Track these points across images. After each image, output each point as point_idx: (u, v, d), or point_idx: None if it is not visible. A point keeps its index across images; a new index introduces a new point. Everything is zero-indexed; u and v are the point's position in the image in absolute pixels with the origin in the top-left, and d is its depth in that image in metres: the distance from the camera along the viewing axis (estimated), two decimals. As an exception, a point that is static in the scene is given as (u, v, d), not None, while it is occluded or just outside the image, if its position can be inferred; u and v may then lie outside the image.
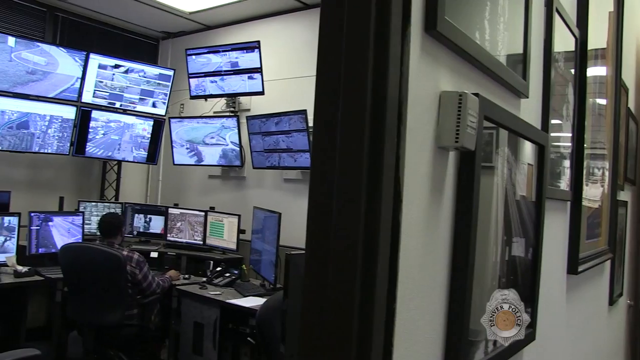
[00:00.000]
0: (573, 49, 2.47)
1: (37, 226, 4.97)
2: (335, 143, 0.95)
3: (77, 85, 5.52)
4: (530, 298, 1.83)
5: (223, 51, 5.47)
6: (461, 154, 1.30)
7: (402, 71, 1.03)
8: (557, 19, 2.09)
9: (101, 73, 5.67)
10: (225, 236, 5.34)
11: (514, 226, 1.70)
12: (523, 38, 1.72)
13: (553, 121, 2.12)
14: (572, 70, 2.50)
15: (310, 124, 4.69)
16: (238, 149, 5.52)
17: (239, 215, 5.25)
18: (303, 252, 1.40)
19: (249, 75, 5.33)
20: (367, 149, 0.94)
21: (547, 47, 2.04)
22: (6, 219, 4.72)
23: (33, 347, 2.98)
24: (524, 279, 1.81)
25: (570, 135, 2.50)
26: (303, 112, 4.69)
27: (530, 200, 1.86)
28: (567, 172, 2.47)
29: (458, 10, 1.25)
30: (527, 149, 1.84)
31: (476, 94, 1.26)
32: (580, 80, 2.55)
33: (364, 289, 0.95)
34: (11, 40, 5.02)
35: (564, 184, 2.42)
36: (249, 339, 4.13)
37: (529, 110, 1.86)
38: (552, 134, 2.08)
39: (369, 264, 0.95)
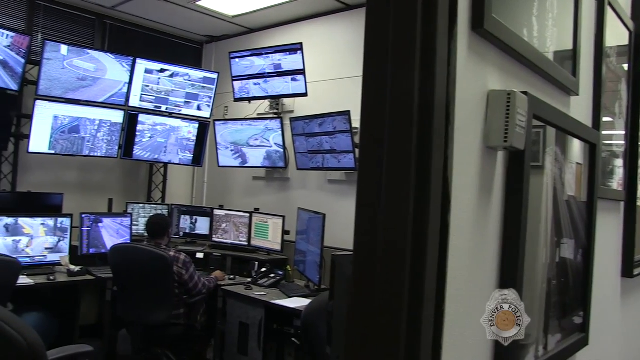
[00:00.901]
0: (626, 43, 2.40)
1: (87, 227, 5.10)
2: (382, 144, 0.95)
3: (125, 90, 5.65)
4: (582, 302, 1.78)
5: (266, 54, 5.51)
6: (510, 153, 1.28)
7: (449, 71, 1.02)
8: (609, 12, 2.03)
9: (147, 77, 5.79)
10: (270, 237, 5.37)
11: (564, 227, 1.66)
12: (573, 33, 1.68)
13: (604, 119, 2.06)
14: (625, 66, 2.43)
15: (354, 124, 4.68)
16: (282, 150, 5.55)
17: (284, 217, 5.28)
18: (348, 253, 1.39)
19: (292, 77, 5.35)
20: (415, 150, 0.94)
21: (598, 42, 1.98)
22: (59, 220, 4.87)
23: (86, 344, 3.06)
24: (576, 282, 1.77)
25: (623, 133, 2.43)
26: (346, 113, 4.68)
27: (580, 200, 1.82)
28: (620, 171, 2.39)
29: (505, 7, 1.22)
30: (576, 148, 1.80)
31: (525, 93, 1.23)
32: (635, 76, 2.47)
33: (412, 291, 0.94)
34: (64, 49, 5.17)
35: (616, 183, 2.35)
36: (293, 339, 4.14)
37: (579, 108, 1.81)
38: (603, 132, 2.02)
39: (418, 265, 0.94)
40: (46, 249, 4.77)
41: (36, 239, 4.71)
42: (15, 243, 4.57)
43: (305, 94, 5.30)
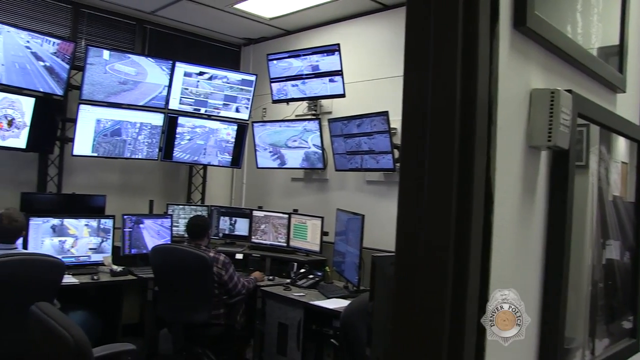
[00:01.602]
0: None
1: (129, 228, 5.20)
2: (424, 145, 0.94)
3: (165, 93, 5.74)
4: (631, 305, 1.73)
5: (304, 55, 5.52)
6: (554, 153, 1.25)
7: (491, 70, 1.00)
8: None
9: (186, 80, 5.87)
10: (309, 238, 5.39)
11: (610, 228, 1.62)
12: (620, 28, 1.64)
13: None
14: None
15: (393, 125, 4.66)
16: (320, 151, 5.56)
17: (322, 218, 5.28)
18: (388, 254, 1.38)
19: (330, 78, 5.35)
20: (457, 150, 0.93)
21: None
22: (102, 221, 4.98)
23: (128, 342, 3.12)
24: (624, 284, 1.72)
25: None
26: (385, 114, 4.65)
27: (627, 200, 1.77)
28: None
29: (548, 4, 1.20)
30: (621, 146, 1.75)
31: (569, 91, 1.21)
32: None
33: (455, 292, 0.93)
34: (106, 54, 5.29)
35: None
36: (332, 340, 4.14)
37: (626, 106, 1.76)
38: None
39: (461, 266, 0.93)
40: (90, 249, 4.88)
41: (80, 240, 4.82)
42: (61, 243, 4.69)
43: (343, 95, 5.29)
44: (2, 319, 3.17)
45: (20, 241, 4.01)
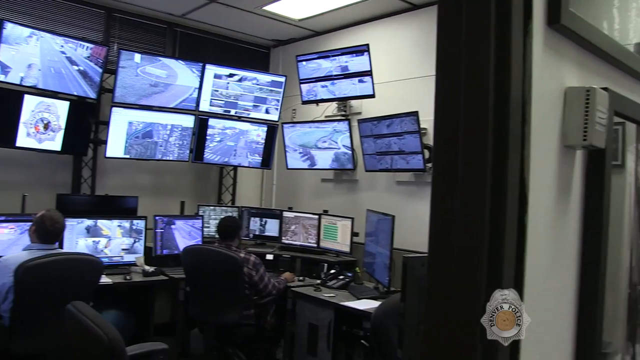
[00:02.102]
0: None
1: (161, 229, 5.26)
2: (457, 145, 0.93)
3: (195, 95, 5.79)
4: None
5: (333, 56, 5.52)
6: (589, 152, 1.23)
7: (524, 69, 0.99)
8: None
9: (217, 82, 5.91)
10: (339, 239, 5.38)
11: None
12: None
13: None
14: None
15: (423, 125, 4.63)
16: (350, 152, 5.55)
17: (352, 218, 5.27)
18: (420, 255, 1.38)
19: (359, 78, 5.34)
20: (490, 150, 0.92)
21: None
22: (135, 222, 5.04)
23: (160, 342, 3.16)
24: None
25: None
26: (415, 114, 4.63)
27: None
28: None
29: (583, 0, 1.18)
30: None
31: (605, 89, 1.18)
32: None
33: (489, 294, 0.92)
34: (137, 57, 5.36)
35: None
36: (362, 341, 4.13)
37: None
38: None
39: (495, 268, 0.92)
40: (123, 249, 4.95)
41: (113, 240, 4.89)
42: (95, 244, 4.76)
43: (372, 96, 5.28)
44: (44, 316, 3.23)
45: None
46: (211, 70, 5.84)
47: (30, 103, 4.84)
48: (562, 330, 1.17)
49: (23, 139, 4.85)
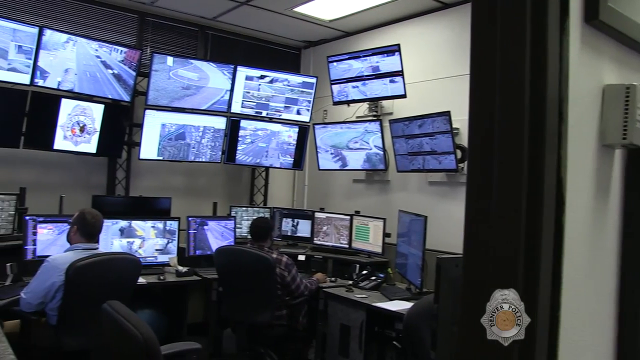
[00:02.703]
0: None
1: (194, 230, 5.31)
2: (492, 145, 0.92)
3: (227, 97, 5.84)
4: None
5: (364, 56, 5.50)
6: (629, 151, 1.20)
7: (561, 67, 0.97)
8: None
9: (248, 84, 5.95)
10: (371, 239, 5.36)
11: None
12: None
13: None
14: None
15: (455, 125, 4.59)
16: (382, 152, 5.52)
17: (384, 219, 5.25)
18: (454, 256, 1.36)
19: (391, 78, 5.32)
20: (526, 149, 0.90)
21: None
22: (168, 223, 5.10)
23: (193, 341, 3.19)
24: None
25: None
26: (447, 114, 4.59)
27: None
28: None
29: (622, -4, 1.15)
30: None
31: (646, 86, 1.16)
32: None
33: (526, 297, 0.90)
34: (169, 60, 5.44)
35: None
36: (394, 342, 4.11)
37: None
38: None
39: (531, 269, 0.90)
40: (156, 250, 5.01)
41: (147, 241, 4.96)
42: (129, 244, 4.83)
43: (404, 96, 5.25)
44: (88, 314, 3.28)
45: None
46: (242, 72, 5.88)
47: (67, 107, 4.95)
48: (603, 330, 1.14)
49: (60, 142, 4.96)
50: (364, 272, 5.03)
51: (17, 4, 5.08)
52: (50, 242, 4.37)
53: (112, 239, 4.74)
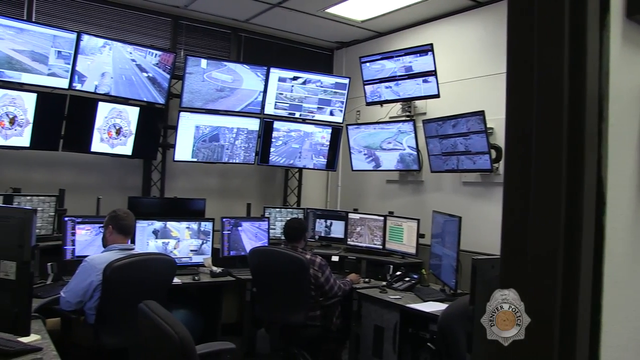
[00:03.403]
0: None
1: (228, 230, 5.35)
2: (530, 144, 0.90)
3: (260, 98, 5.88)
4: None
5: (396, 56, 5.48)
6: (673, 150, 1.17)
7: (601, 64, 0.95)
8: None
9: (281, 86, 5.98)
10: (405, 240, 5.34)
11: None
12: None
13: None
14: None
15: (489, 124, 4.54)
16: (415, 153, 5.49)
17: (418, 220, 5.21)
18: (489, 257, 1.34)
19: (424, 78, 5.29)
20: (565, 149, 0.88)
21: None
22: (203, 223, 5.15)
23: (228, 341, 3.21)
24: None
25: None
26: (481, 113, 4.54)
27: None
28: None
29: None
30: None
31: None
32: None
33: (565, 299, 0.88)
34: (203, 63, 5.50)
35: None
36: (429, 344, 4.07)
37: None
38: None
39: (571, 271, 0.88)
40: (191, 250, 5.07)
41: (182, 242, 5.01)
42: (164, 245, 4.89)
43: (437, 95, 5.21)
44: (126, 313, 3.34)
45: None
46: (275, 73, 5.91)
47: (103, 110, 5.05)
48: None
49: (97, 145, 5.06)
50: (398, 273, 5.01)
51: (57, 11, 5.21)
52: (88, 242, 4.46)
53: (147, 239, 4.81)
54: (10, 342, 2.48)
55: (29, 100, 4.64)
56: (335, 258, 5.47)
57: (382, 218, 5.58)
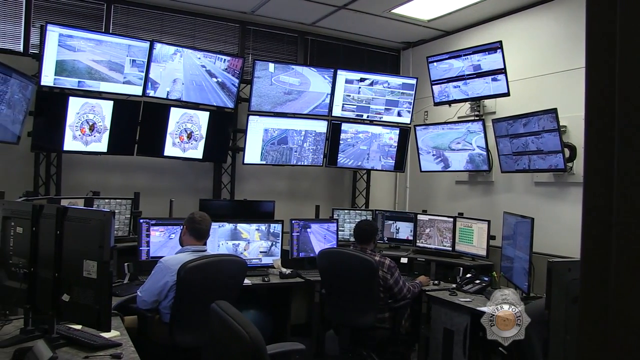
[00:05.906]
0: None
1: (297, 232, 5.40)
2: (612, 142, 0.86)
3: (328, 100, 5.91)
4: None
5: (464, 55, 5.39)
6: None
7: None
8: None
9: (348, 87, 5.99)
10: (475, 242, 5.24)
11: None
12: None
13: None
14: None
15: (562, 122, 4.40)
16: (485, 153, 5.39)
17: (489, 221, 5.11)
18: (566, 259, 1.29)
19: (493, 77, 5.18)
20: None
21: None
22: (272, 225, 5.22)
23: (297, 342, 3.24)
24: None
25: None
26: (553, 111, 4.40)
27: None
28: None
29: None
30: None
31: None
32: None
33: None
34: (271, 67, 5.59)
35: None
36: (500, 349, 3.98)
37: None
38: None
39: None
40: (261, 252, 5.14)
41: (252, 243, 5.09)
42: (235, 247, 4.98)
43: (507, 94, 5.10)
44: (199, 312, 3.42)
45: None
46: (342, 75, 5.93)
47: (175, 115, 5.21)
48: None
49: (169, 149, 5.22)
50: (468, 275, 4.92)
51: (132, 22, 5.42)
52: (162, 243, 4.60)
53: (219, 241, 4.91)
54: (94, 337, 2.68)
55: (107, 108, 4.85)
56: (404, 260, 5.43)
57: (451, 219, 5.50)
